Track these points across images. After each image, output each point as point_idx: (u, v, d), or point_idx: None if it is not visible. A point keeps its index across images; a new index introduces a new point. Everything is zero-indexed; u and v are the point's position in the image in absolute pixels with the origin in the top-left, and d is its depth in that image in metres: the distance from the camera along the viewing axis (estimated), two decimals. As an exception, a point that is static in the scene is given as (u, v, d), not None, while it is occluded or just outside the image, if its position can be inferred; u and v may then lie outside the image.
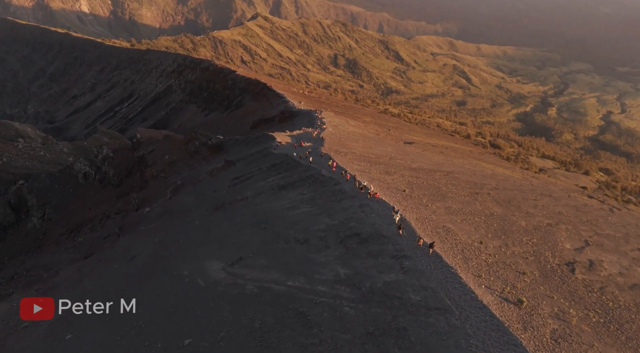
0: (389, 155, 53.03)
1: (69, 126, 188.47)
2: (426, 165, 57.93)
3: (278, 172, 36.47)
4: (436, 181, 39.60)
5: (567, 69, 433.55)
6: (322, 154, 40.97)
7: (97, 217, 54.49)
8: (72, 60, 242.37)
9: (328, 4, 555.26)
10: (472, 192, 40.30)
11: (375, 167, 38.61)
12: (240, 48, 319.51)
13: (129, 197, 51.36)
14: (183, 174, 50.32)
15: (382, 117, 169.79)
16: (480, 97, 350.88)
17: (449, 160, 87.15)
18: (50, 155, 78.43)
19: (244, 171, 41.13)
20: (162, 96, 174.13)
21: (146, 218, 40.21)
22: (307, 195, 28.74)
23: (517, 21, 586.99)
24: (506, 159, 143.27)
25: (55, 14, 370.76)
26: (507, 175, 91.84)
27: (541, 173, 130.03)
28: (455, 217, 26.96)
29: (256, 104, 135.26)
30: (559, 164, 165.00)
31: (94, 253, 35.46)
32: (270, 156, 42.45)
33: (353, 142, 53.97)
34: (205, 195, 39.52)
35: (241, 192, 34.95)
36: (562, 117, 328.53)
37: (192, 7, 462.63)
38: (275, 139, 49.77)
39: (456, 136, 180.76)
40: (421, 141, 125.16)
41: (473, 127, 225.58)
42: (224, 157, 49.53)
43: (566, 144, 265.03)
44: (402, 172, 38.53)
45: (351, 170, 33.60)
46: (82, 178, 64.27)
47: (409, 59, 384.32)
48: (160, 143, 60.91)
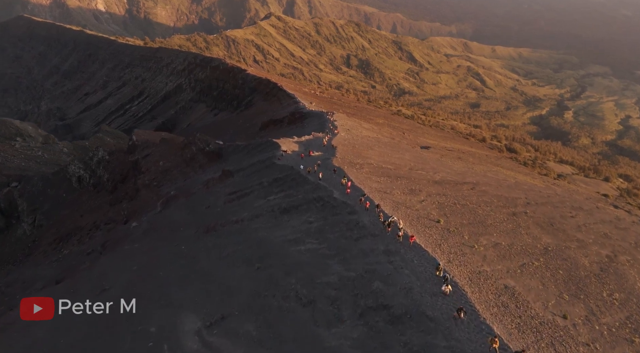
0: (408, 164, 46.82)
1: (79, 123, 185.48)
2: (449, 175, 51.69)
3: (281, 188, 30.62)
4: (467, 199, 33.34)
5: (584, 72, 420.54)
6: (334, 168, 34.91)
7: (87, 227, 49.34)
8: (85, 57, 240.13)
9: (342, 4, 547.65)
10: (509, 213, 34.05)
11: (397, 183, 32.54)
12: (253, 47, 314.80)
13: (120, 206, 46.16)
14: (177, 184, 44.90)
15: (395, 119, 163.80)
16: (494, 99, 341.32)
17: (469, 167, 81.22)
18: (49, 156, 73.84)
19: (243, 185, 35.41)
20: (172, 95, 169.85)
21: (132, 235, 34.77)
22: (314, 224, 22.90)
23: (533, 23, 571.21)
24: (523, 164, 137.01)
25: (72, 12, 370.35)
26: (531, 183, 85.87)
27: (560, 179, 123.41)
28: (511, 263, 20.86)
29: (266, 104, 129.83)
30: (578, 170, 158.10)
31: (65, 278, 30.12)
32: (273, 168, 36.50)
33: (368, 150, 47.86)
34: (198, 211, 33.94)
35: (237, 212, 29.27)
36: (579, 121, 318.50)
37: (206, 6, 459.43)
38: (280, 147, 43.77)
39: (471, 139, 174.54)
40: (437, 145, 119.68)
41: (488, 130, 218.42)
42: (222, 166, 43.95)
43: (583, 149, 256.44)
44: (427, 189, 32.41)
45: (370, 190, 27.57)
46: (76, 182, 59.38)
47: (422, 60, 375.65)
48: (156, 147, 55.56)
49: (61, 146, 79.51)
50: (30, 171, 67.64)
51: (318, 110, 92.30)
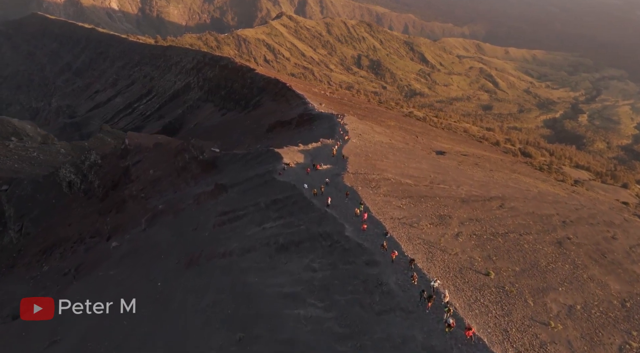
0: (427, 176, 41.10)
1: (88, 121, 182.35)
2: (473, 188, 45.90)
3: (280, 214, 25.15)
4: (502, 223, 27.66)
5: (599, 75, 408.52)
6: (346, 192, 28.36)
7: (73, 238, 44.54)
8: (96, 55, 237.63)
9: (353, 4, 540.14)
10: (554, 242, 28.29)
11: (421, 207, 26.89)
12: (263, 47, 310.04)
13: (105, 219, 41.28)
14: (166, 196, 39.85)
15: (407, 121, 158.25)
16: (507, 101, 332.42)
17: (489, 176, 75.56)
18: (44, 157, 69.48)
19: (236, 204, 30.05)
20: (180, 93, 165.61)
21: (109, 258, 29.68)
22: (318, 274, 17.47)
23: (547, 24, 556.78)
24: (539, 169, 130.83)
25: (86, 10, 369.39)
26: (553, 193, 79.99)
27: (578, 185, 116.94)
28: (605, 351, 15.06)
29: (274, 105, 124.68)
30: (594, 175, 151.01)
31: (17, 317, 25.18)
32: (273, 185, 30.82)
33: (382, 159, 42.23)
34: (184, 233, 28.75)
35: (226, 241, 23.96)
36: (593, 125, 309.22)
37: (218, 5, 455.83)
38: (282, 158, 37.90)
39: (485, 143, 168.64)
40: (451, 149, 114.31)
41: (501, 133, 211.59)
42: (216, 178, 38.70)
43: (598, 153, 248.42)
44: (457, 213, 26.77)
45: (392, 224, 22.00)
46: (66, 187, 54.77)
47: (434, 61, 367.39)
48: (148, 152, 50.54)
49: (58, 147, 75.16)
50: (23, 173, 63.24)
51: (328, 112, 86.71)
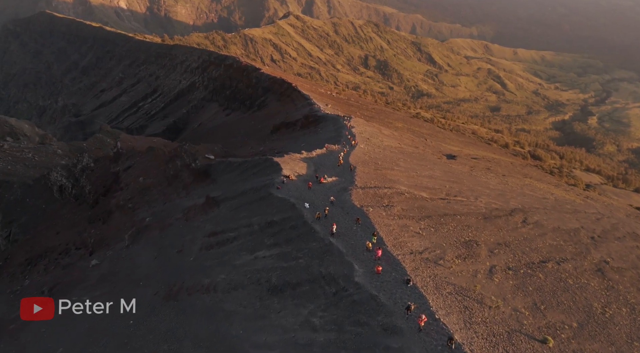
0: (442, 186, 37.18)
1: (93, 120, 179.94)
2: (490, 198, 41.93)
3: (275, 240, 21.30)
4: (532, 246, 23.71)
5: (609, 77, 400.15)
6: (357, 218, 23.93)
7: (59, 249, 41.16)
8: (103, 54, 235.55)
9: (361, 4, 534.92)
10: (594, 268, 24.42)
11: (443, 231, 22.98)
12: (270, 46, 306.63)
13: (90, 231, 37.87)
14: (154, 208, 36.29)
15: (414, 123, 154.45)
16: (515, 103, 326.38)
17: (503, 182, 71.68)
18: (39, 158, 66.38)
19: (228, 223, 26.30)
20: (185, 93, 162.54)
21: (87, 278, 26.15)
22: (319, 336, 13.58)
23: (557, 25, 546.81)
24: (550, 173, 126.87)
25: (95, 9, 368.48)
26: (570, 201, 75.77)
27: (590, 190, 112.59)
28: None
29: (279, 105, 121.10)
30: (605, 179, 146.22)
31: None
32: (270, 202, 26.82)
33: (393, 168, 38.30)
34: (167, 255, 25.19)
35: (211, 271, 20.33)
36: (603, 127, 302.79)
37: (226, 4, 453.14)
38: (282, 169, 33.66)
39: (493, 145, 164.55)
40: (461, 153, 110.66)
41: (510, 135, 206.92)
42: (208, 189, 35.02)
43: (608, 156, 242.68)
44: (484, 237, 22.89)
45: (413, 263, 18.01)
46: (57, 192, 51.54)
47: (441, 62, 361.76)
48: (140, 157, 46.98)
49: (55, 147, 72.05)
50: (16, 175, 60.11)
51: (334, 114, 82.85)
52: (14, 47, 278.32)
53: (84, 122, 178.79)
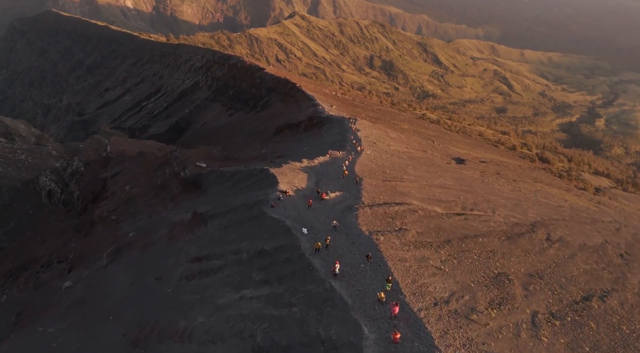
0: (457, 198, 33.66)
1: (96, 119, 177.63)
2: (508, 210, 38.36)
3: (265, 276, 17.62)
4: (570, 278, 20.12)
5: (617, 79, 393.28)
6: (368, 255, 19.41)
7: (42, 260, 37.98)
8: (108, 53, 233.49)
9: (367, 4, 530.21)
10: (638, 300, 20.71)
11: (468, 264, 19.44)
12: (275, 46, 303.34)
13: (70, 244, 34.65)
14: (139, 221, 33.00)
15: (420, 124, 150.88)
16: (521, 104, 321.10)
17: (516, 189, 68.12)
18: (33, 160, 63.46)
19: (214, 247, 22.84)
20: (189, 93, 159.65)
21: (58, 303, 22.91)
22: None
23: (564, 27, 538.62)
24: (558, 176, 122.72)
25: (101, 8, 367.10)
26: (585, 208, 72.33)
27: (600, 194, 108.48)
28: None
29: (283, 106, 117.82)
30: (615, 183, 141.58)
31: None
32: (262, 224, 22.99)
33: (403, 177, 34.77)
34: (145, 282, 21.90)
35: (188, 312, 16.99)
36: (611, 129, 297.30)
37: (232, 4, 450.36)
38: (278, 183, 29.51)
39: (500, 147, 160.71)
40: (469, 156, 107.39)
41: (516, 137, 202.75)
42: (196, 202, 31.60)
43: (616, 159, 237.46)
44: (513, 266, 19.32)
45: (439, 321, 14.08)
46: (45, 197, 48.54)
47: (447, 63, 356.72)
48: (130, 162, 43.66)
49: (50, 148, 69.09)
50: (6, 178, 57.14)
51: (339, 116, 79.34)
52: (20, 45, 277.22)
53: (87, 121, 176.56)
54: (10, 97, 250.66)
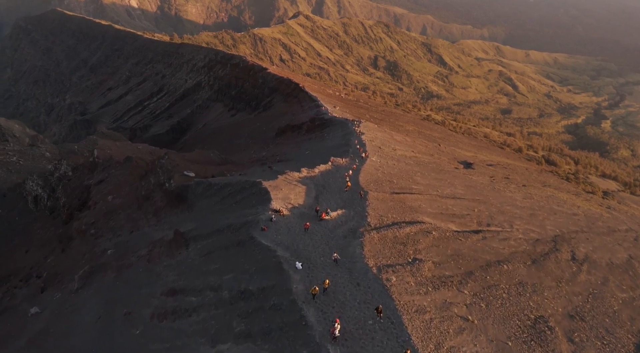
0: (471, 211, 30.44)
1: (98, 119, 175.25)
2: (525, 222, 35.09)
3: (247, 328, 14.10)
4: (612, 315, 16.80)
5: (623, 80, 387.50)
6: (378, 309, 15.65)
7: (22, 273, 34.99)
8: (112, 52, 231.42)
9: (371, 4, 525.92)
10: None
11: (497, 305, 16.26)
12: (279, 46, 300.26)
13: (46, 261, 31.70)
14: (119, 237, 30.04)
15: (425, 125, 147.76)
16: (527, 105, 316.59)
17: (528, 196, 64.78)
18: (25, 162, 60.68)
19: (193, 279, 19.60)
20: (191, 92, 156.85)
21: (20, 335, 19.86)
22: None
23: (570, 27, 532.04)
24: (566, 179, 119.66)
25: (106, 7, 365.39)
26: (599, 215, 68.69)
27: (609, 198, 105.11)
28: None
29: (286, 106, 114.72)
30: (623, 186, 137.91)
31: None
32: (250, 252, 19.49)
33: (412, 187, 31.57)
34: (112, 318, 18.78)
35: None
36: (617, 131, 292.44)
37: (236, 4, 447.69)
38: (271, 200, 25.98)
39: (506, 149, 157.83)
40: (476, 159, 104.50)
41: (522, 139, 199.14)
42: (180, 219, 28.54)
43: (623, 161, 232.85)
44: (548, 304, 16.29)
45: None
46: (32, 203, 45.77)
47: (452, 63, 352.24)
48: (116, 169, 40.59)
49: (43, 150, 66.32)
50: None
51: (342, 118, 76.09)
52: (24, 44, 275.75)
53: (89, 120, 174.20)
54: (15, 96, 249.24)
